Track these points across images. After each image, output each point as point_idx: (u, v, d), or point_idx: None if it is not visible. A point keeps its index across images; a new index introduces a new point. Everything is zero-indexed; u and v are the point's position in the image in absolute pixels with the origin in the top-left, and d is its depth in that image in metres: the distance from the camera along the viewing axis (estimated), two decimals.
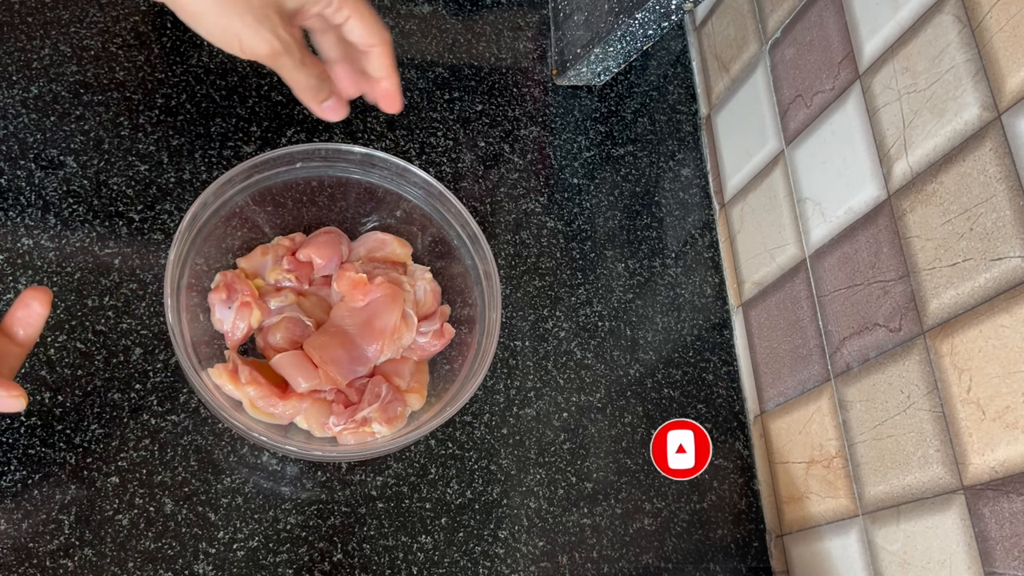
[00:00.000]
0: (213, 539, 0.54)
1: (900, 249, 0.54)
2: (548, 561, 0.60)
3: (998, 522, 0.46)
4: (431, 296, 0.61)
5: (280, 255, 0.59)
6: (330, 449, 0.55)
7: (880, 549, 0.55)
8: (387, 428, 0.55)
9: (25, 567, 0.50)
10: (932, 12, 0.52)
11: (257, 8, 0.44)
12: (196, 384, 0.50)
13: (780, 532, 0.65)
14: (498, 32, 0.77)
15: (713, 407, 0.69)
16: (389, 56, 0.52)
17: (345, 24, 0.50)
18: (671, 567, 0.62)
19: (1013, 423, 0.45)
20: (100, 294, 0.57)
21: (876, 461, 0.55)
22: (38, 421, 0.53)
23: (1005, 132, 0.47)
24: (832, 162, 0.61)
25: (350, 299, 0.59)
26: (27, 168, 0.59)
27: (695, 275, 0.74)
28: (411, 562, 0.57)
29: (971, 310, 0.48)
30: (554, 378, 0.66)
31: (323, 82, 0.51)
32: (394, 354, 0.58)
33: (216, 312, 0.57)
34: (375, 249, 0.62)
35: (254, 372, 0.54)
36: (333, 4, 0.49)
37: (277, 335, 0.57)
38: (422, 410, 0.58)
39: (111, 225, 0.59)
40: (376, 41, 0.51)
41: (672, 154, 0.78)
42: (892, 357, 0.54)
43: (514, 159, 0.73)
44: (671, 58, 0.83)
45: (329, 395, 0.56)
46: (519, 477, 0.62)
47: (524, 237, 0.70)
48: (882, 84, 0.56)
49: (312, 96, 0.51)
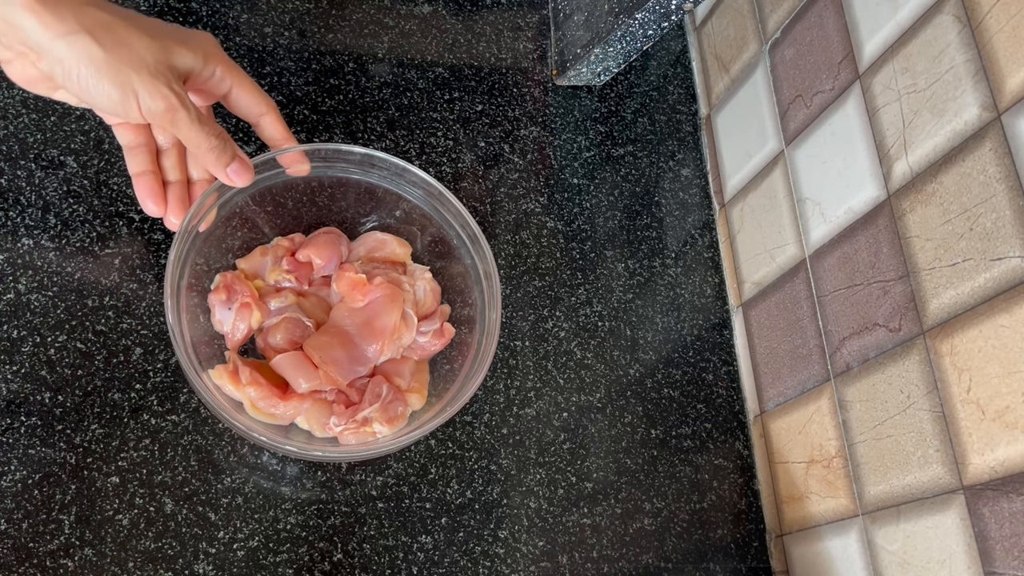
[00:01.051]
0: (213, 539, 0.54)
1: (900, 249, 0.54)
2: (548, 561, 0.60)
3: (998, 522, 0.46)
4: (431, 296, 0.61)
5: (279, 256, 0.59)
6: (331, 449, 0.55)
7: (880, 549, 0.55)
8: (388, 428, 0.55)
9: (25, 567, 0.50)
10: (932, 12, 0.52)
11: (151, 64, 0.44)
12: (197, 385, 0.50)
13: (780, 532, 0.65)
14: (498, 32, 0.78)
15: (713, 407, 0.69)
16: (282, 121, 0.52)
17: (230, 94, 0.50)
18: (671, 567, 0.62)
19: (1013, 423, 0.45)
20: (100, 294, 0.57)
21: (876, 461, 0.55)
22: (38, 421, 0.53)
23: (1005, 132, 0.47)
24: (832, 162, 0.61)
25: (350, 299, 0.59)
26: (27, 168, 0.59)
27: (695, 275, 0.74)
28: (411, 562, 0.57)
29: (971, 310, 0.48)
30: (554, 378, 0.66)
31: (225, 142, 0.49)
32: (394, 354, 0.58)
33: (216, 313, 0.57)
34: (375, 249, 0.62)
35: (255, 373, 0.54)
36: (217, 73, 0.48)
37: (277, 336, 0.57)
38: (423, 410, 0.58)
39: (111, 225, 0.59)
40: (265, 109, 0.51)
41: (672, 154, 0.78)
42: (892, 357, 0.54)
43: (514, 159, 0.73)
44: (671, 58, 0.83)
45: (330, 395, 0.56)
46: (519, 477, 0.62)
47: (524, 237, 0.70)
48: (882, 84, 0.56)
49: (216, 158, 0.49)
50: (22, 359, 0.54)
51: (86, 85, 0.43)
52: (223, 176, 0.50)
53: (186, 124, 0.46)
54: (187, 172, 0.53)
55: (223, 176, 0.50)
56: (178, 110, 0.45)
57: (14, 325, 0.55)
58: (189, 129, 0.47)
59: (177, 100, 0.45)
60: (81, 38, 0.42)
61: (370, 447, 0.54)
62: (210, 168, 0.50)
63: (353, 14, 0.73)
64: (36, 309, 0.56)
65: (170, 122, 0.46)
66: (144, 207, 0.51)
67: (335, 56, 0.71)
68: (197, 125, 0.47)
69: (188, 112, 0.46)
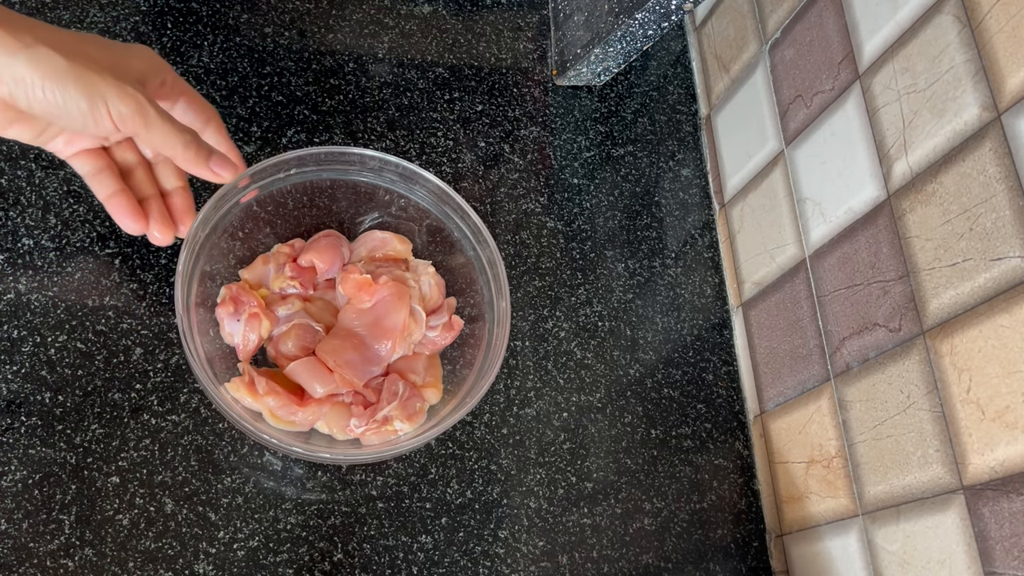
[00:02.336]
0: (213, 539, 0.54)
1: (900, 249, 0.54)
2: (548, 561, 0.60)
3: (998, 522, 0.46)
4: (436, 289, 0.61)
5: (281, 263, 0.59)
6: (355, 452, 0.55)
7: (880, 549, 0.55)
8: (408, 424, 0.56)
9: (25, 567, 0.50)
10: (932, 12, 0.52)
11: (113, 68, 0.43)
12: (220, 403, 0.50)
13: (780, 532, 0.65)
14: (498, 32, 0.78)
15: (713, 407, 0.69)
16: (224, 131, 0.52)
17: (177, 104, 0.49)
18: (671, 567, 0.62)
19: (1013, 423, 0.45)
20: (100, 294, 0.57)
21: (876, 461, 0.55)
22: (38, 421, 0.53)
23: (1005, 132, 0.47)
24: (832, 162, 0.61)
25: (356, 300, 0.59)
26: (27, 168, 0.59)
27: (695, 275, 0.74)
28: (411, 562, 0.57)
29: (971, 310, 0.48)
30: (554, 378, 0.66)
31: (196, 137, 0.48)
32: (406, 351, 0.59)
33: (225, 326, 0.56)
34: (376, 248, 0.62)
35: (271, 382, 0.54)
36: (168, 81, 0.48)
37: (288, 343, 0.57)
38: (440, 404, 0.59)
39: (111, 225, 0.59)
40: (210, 115, 0.51)
41: (672, 154, 0.78)
42: (892, 357, 0.54)
43: (514, 159, 0.73)
44: (671, 58, 0.83)
45: (347, 397, 0.56)
46: (519, 477, 0.62)
47: (524, 237, 0.70)
48: (882, 84, 0.56)
49: (195, 154, 0.47)
50: (22, 359, 0.54)
51: (52, 99, 0.42)
52: (206, 172, 0.49)
53: (159, 124, 0.45)
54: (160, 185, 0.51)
55: (206, 172, 0.49)
56: (148, 109, 0.44)
57: (14, 325, 0.55)
58: (162, 128, 0.45)
59: (146, 100, 0.44)
60: (41, 50, 0.41)
61: (394, 445, 0.54)
62: (190, 167, 0.48)
63: (353, 14, 0.73)
64: (36, 309, 0.56)
65: (143, 124, 0.44)
66: (123, 227, 0.49)
67: (335, 56, 0.71)
68: (169, 124, 0.45)
69: (159, 111, 0.45)
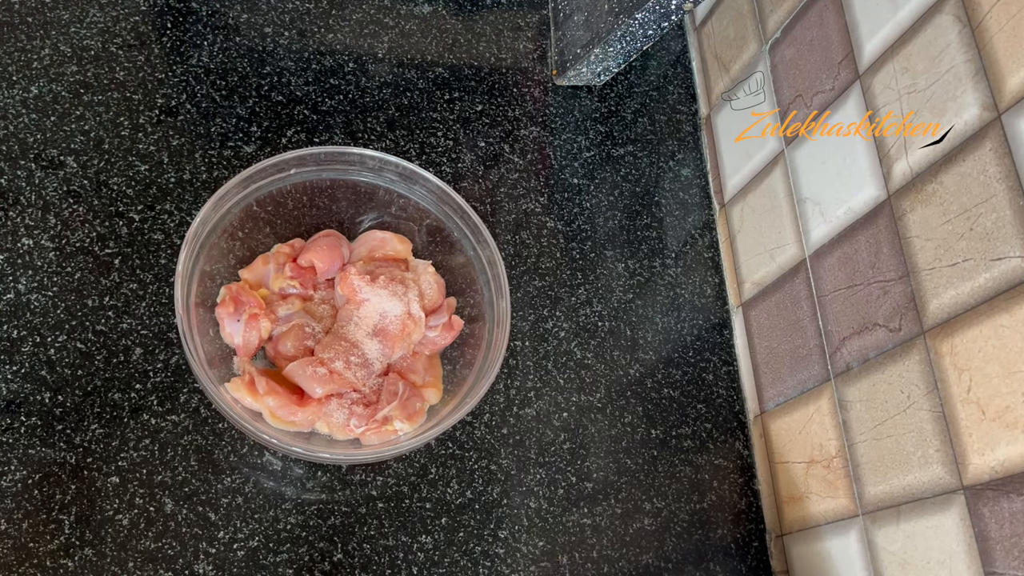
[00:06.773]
0: (213, 539, 0.54)
1: (900, 249, 0.54)
2: (548, 561, 0.60)
3: (998, 522, 0.46)
4: (436, 289, 0.61)
5: (281, 263, 0.59)
6: (355, 452, 0.55)
7: (880, 549, 0.55)
8: (408, 424, 0.56)
9: (25, 567, 0.50)
10: (932, 12, 0.52)
11: None
12: (220, 403, 0.50)
13: (780, 532, 0.65)
14: (498, 32, 0.78)
15: (713, 407, 0.69)
16: None
17: None
18: (671, 567, 0.62)
19: (1013, 423, 0.45)
20: (100, 294, 0.57)
21: (876, 461, 0.55)
22: (38, 421, 0.53)
23: (1005, 132, 0.47)
24: (832, 162, 0.61)
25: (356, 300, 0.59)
26: (27, 168, 0.59)
27: (695, 275, 0.74)
28: (411, 562, 0.57)
29: (971, 310, 0.48)
30: (554, 378, 0.66)
31: None
32: (406, 351, 0.59)
33: (225, 326, 0.56)
34: (376, 248, 0.62)
35: (271, 382, 0.54)
36: None
37: (288, 343, 0.57)
38: (440, 404, 0.59)
39: (111, 225, 0.59)
40: None
41: (672, 154, 0.78)
42: (892, 357, 0.54)
43: (514, 159, 0.73)
44: (671, 58, 0.83)
45: (347, 398, 0.56)
46: (519, 477, 0.62)
47: (524, 237, 0.70)
48: (882, 84, 0.56)
49: None
50: (22, 359, 0.54)
51: None
52: None
53: None
54: None
55: None
56: None
57: (14, 325, 0.55)
58: None
59: None
60: None
61: (394, 445, 0.54)
62: None
63: (353, 14, 0.73)
64: (36, 309, 0.56)
65: None
66: None
67: (335, 56, 0.71)
68: None
69: None
